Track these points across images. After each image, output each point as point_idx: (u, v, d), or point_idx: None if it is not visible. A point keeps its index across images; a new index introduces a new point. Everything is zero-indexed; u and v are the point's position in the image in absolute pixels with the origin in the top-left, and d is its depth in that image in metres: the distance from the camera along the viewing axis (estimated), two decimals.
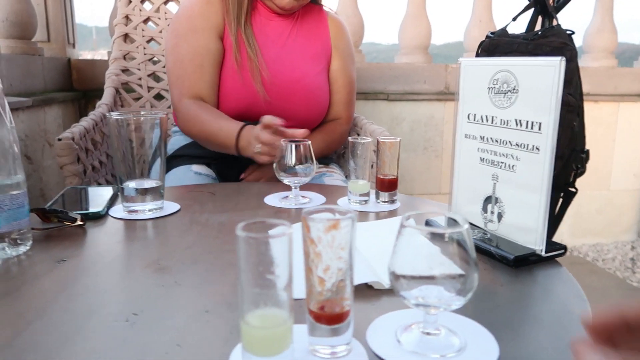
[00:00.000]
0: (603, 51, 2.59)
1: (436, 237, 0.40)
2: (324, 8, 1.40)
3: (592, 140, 1.74)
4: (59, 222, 0.74)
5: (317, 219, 0.40)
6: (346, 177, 1.52)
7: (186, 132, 1.23)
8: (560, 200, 1.26)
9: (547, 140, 0.61)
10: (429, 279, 0.41)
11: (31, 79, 1.75)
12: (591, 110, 2.38)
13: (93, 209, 0.81)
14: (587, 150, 1.26)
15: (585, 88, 2.49)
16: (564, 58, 0.58)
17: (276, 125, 0.97)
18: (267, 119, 0.98)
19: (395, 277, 0.42)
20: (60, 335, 0.45)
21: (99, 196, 0.90)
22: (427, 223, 0.55)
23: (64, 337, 0.44)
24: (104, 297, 0.52)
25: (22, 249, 0.65)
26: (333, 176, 1.32)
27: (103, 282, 0.56)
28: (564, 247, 0.66)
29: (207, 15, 1.23)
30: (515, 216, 0.66)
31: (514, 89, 0.64)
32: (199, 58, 1.21)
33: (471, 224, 0.54)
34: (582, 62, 2.61)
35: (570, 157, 1.17)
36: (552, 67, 0.59)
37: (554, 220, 1.29)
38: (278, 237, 0.37)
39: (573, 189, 1.24)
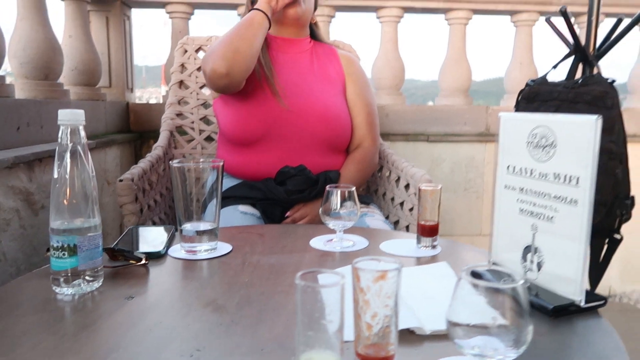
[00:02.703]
0: None
1: (492, 291, 0.43)
2: (334, 47, 1.55)
3: None
4: (125, 260, 0.81)
5: (366, 270, 0.44)
6: (387, 217, 1.55)
7: (218, 63, 1.23)
8: (605, 247, 1.25)
9: (584, 194, 0.63)
10: (485, 329, 0.44)
11: (95, 123, 1.90)
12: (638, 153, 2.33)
13: (154, 248, 0.88)
14: (633, 197, 1.25)
15: (632, 130, 2.45)
16: (600, 116, 0.61)
17: None
18: None
19: (452, 324, 0.45)
20: None
21: (158, 236, 0.97)
22: (475, 274, 0.58)
23: None
24: (170, 333, 0.58)
25: (95, 285, 0.72)
26: (374, 216, 1.36)
27: (168, 319, 0.62)
28: (604, 299, 0.67)
29: None
30: (555, 266, 0.68)
31: (552, 144, 0.67)
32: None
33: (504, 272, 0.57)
34: (628, 103, 2.58)
35: (614, 204, 1.16)
36: (589, 124, 0.62)
37: (600, 267, 1.28)
38: (333, 286, 0.41)
39: (618, 236, 1.22)
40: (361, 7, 2.42)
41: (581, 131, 0.63)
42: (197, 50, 1.90)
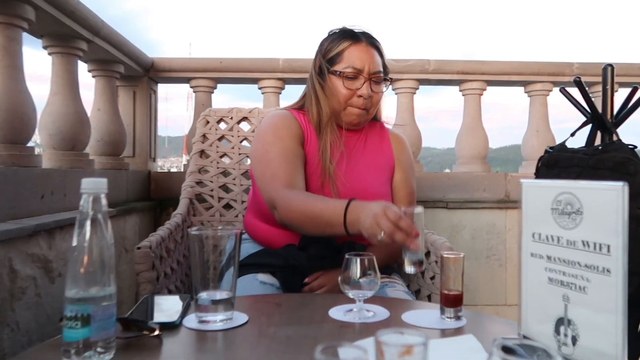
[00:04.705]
0: None
1: None
2: (385, 125, 1.50)
3: None
4: (139, 331, 0.78)
5: (390, 344, 0.42)
6: (408, 286, 1.50)
7: (288, 220, 1.20)
8: None
9: (617, 262, 0.60)
10: None
11: (117, 192, 1.94)
12: None
13: (168, 318, 0.85)
14: None
15: None
16: (626, 184, 0.59)
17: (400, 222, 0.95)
18: (394, 213, 0.95)
19: None
20: None
21: (173, 305, 0.95)
22: (506, 349, 0.54)
23: None
24: None
25: (107, 357, 0.69)
26: (395, 287, 1.32)
27: None
28: None
29: (289, 125, 1.35)
30: (591, 340, 0.64)
31: (578, 211, 0.66)
32: (290, 157, 1.29)
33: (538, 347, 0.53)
34: None
35: None
36: (615, 191, 0.60)
37: (637, 340, 1.20)
38: None
39: None
40: None
41: (607, 198, 0.62)
42: (218, 122, 1.96)
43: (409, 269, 0.97)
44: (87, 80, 2.27)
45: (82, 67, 2.12)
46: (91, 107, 2.12)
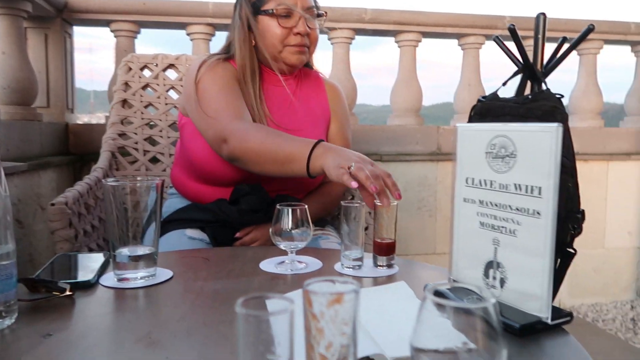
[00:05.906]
0: (590, 112, 2.66)
1: (460, 312, 0.38)
2: (320, 75, 1.44)
3: (584, 199, 1.75)
4: (47, 292, 0.71)
5: (319, 293, 0.38)
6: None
7: (241, 153, 1.09)
8: (559, 261, 1.25)
9: (547, 204, 0.60)
10: (454, 355, 0.38)
11: (28, 144, 1.76)
12: (581, 170, 2.41)
13: (83, 277, 0.78)
14: (583, 210, 1.26)
15: (575, 148, 2.54)
16: (561, 124, 0.59)
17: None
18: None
19: (416, 351, 0.39)
20: None
21: (89, 263, 0.87)
22: (438, 293, 0.53)
23: None
24: None
25: (7, 322, 0.62)
26: (329, 239, 1.31)
27: (91, 359, 0.53)
28: (570, 314, 0.64)
29: (227, 68, 1.26)
30: (519, 282, 0.65)
31: (511, 154, 0.65)
32: (234, 92, 1.21)
33: (469, 289, 0.53)
34: (570, 123, 2.68)
35: (568, 218, 1.16)
36: (549, 132, 0.59)
37: (554, 282, 1.27)
38: (279, 314, 0.35)
39: (572, 250, 1.22)
40: None
41: (542, 140, 0.61)
42: (142, 69, 1.81)
43: (347, 269, 0.88)
44: None
45: None
46: None
